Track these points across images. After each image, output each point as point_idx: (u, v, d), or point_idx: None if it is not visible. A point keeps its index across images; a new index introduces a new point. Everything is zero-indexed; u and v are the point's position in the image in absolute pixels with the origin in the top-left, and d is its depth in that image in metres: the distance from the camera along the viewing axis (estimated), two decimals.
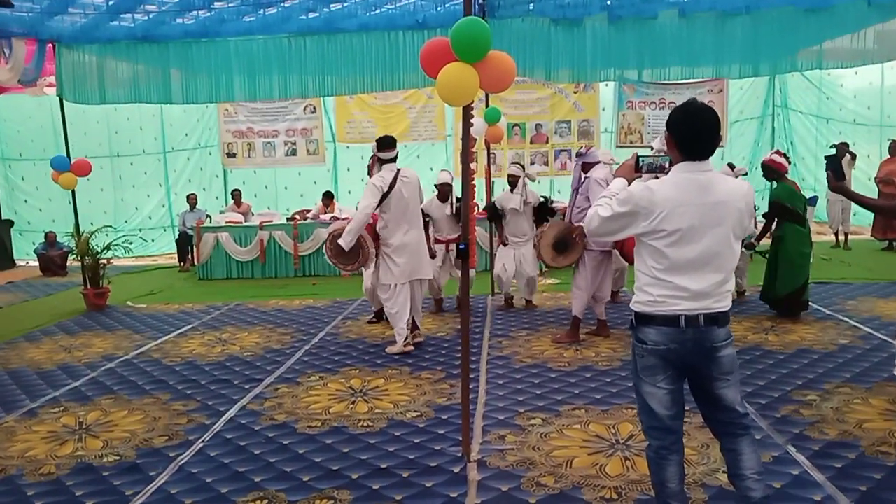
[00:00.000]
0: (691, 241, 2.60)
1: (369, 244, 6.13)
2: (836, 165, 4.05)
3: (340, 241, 5.99)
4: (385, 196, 5.94)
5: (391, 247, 6.10)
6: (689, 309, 2.63)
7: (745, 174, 8.24)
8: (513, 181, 7.41)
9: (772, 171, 6.87)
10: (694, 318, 2.63)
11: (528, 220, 7.49)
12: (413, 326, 6.35)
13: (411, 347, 6.18)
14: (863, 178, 11.73)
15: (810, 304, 7.05)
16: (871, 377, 5.05)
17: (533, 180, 7.62)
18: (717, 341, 2.68)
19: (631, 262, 6.64)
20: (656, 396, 2.75)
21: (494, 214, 7.68)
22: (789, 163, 6.95)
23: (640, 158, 2.94)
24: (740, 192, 2.70)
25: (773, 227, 6.91)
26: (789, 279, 6.76)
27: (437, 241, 7.52)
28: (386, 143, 6.08)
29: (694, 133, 2.65)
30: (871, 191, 10.74)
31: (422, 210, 6.64)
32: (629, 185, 2.86)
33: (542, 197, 7.66)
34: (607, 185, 6.02)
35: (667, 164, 2.88)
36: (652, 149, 6.35)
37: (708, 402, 2.80)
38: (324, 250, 6.30)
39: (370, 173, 6.22)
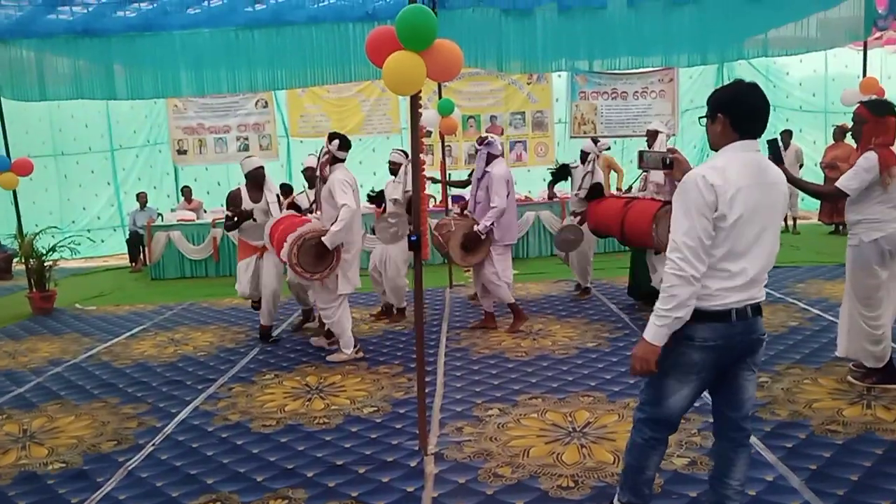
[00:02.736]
0: (749, 223, 2.48)
1: (340, 248, 5.59)
2: (776, 150, 4.13)
3: (325, 240, 5.36)
4: None
5: (351, 252, 5.69)
6: (739, 301, 2.52)
7: (608, 148, 8.08)
8: (394, 168, 6.79)
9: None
10: (743, 311, 2.53)
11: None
12: (329, 333, 6.03)
13: (362, 354, 5.81)
14: (809, 164, 12.02)
15: None
16: (820, 357, 5.16)
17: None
18: (760, 332, 2.61)
19: (635, 246, 6.63)
20: (679, 394, 2.62)
21: (376, 200, 7.16)
22: None
23: (644, 154, 2.83)
24: (782, 175, 2.66)
25: None
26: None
27: None
28: (347, 144, 5.73)
29: (752, 110, 2.54)
30: (818, 176, 11.00)
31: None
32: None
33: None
34: (507, 182, 6.09)
35: (667, 161, 2.78)
36: (655, 133, 6.35)
37: (727, 393, 2.67)
38: (287, 256, 5.52)
39: (321, 172, 5.68)
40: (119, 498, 3.59)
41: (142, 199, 12.06)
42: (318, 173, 5.76)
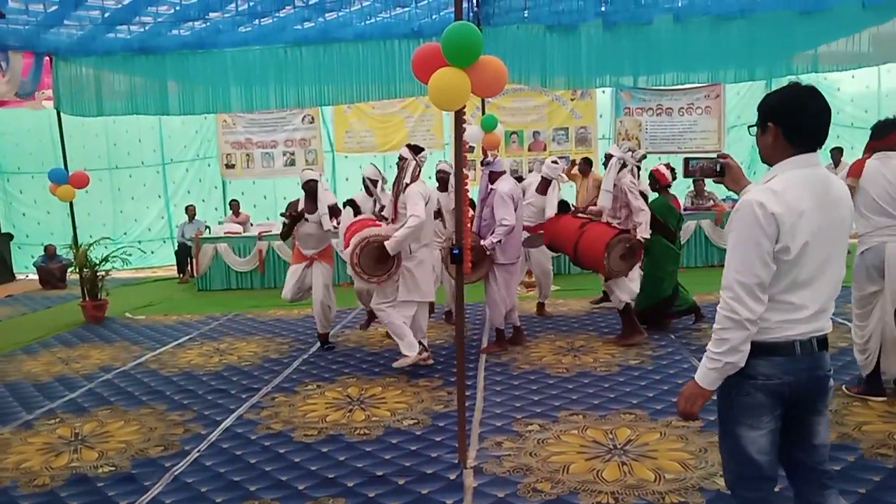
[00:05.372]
0: (814, 249, 2.19)
1: (401, 255, 5.60)
2: None
3: (388, 245, 5.39)
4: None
5: (415, 260, 5.61)
6: (803, 333, 2.22)
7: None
8: (444, 178, 6.93)
9: (655, 181, 6.81)
10: (808, 344, 2.23)
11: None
12: (422, 348, 5.97)
13: (426, 354, 5.72)
14: None
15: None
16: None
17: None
18: (827, 368, 2.30)
19: (589, 269, 6.61)
20: (757, 442, 2.26)
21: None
22: (674, 178, 6.87)
23: (691, 162, 2.58)
24: (846, 189, 2.33)
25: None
26: (647, 293, 6.71)
27: None
28: (421, 149, 5.86)
29: (809, 119, 2.21)
30: None
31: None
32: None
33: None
34: (513, 199, 6.05)
35: (718, 167, 2.49)
36: (610, 156, 6.35)
37: (798, 440, 2.35)
38: (349, 255, 5.57)
39: (413, 176, 5.74)
40: (166, 502, 3.68)
41: (190, 211, 12.38)
42: (400, 185, 5.75)
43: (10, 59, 7.60)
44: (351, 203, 6.86)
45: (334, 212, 6.63)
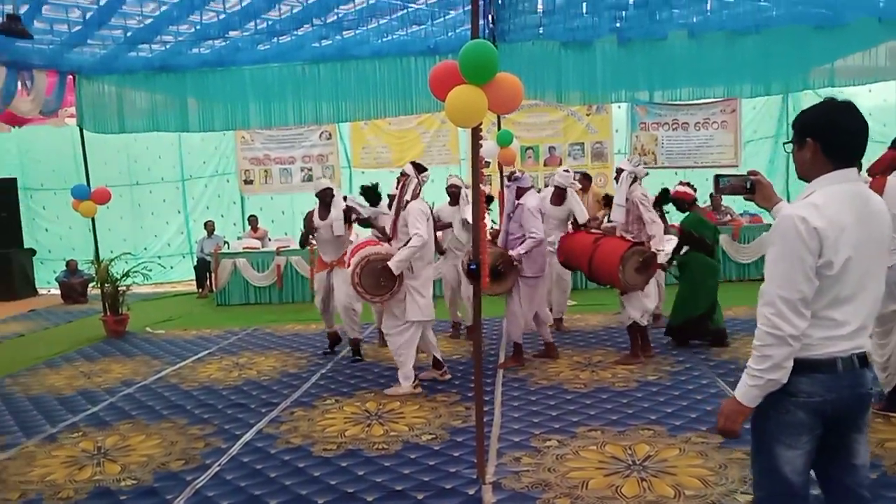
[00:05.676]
0: (856, 264, 2.16)
1: (404, 274, 5.63)
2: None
3: (391, 264, 5.45)
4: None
5: (419, 279, 5.65)
6: (844, 350, 2.19)
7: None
8: (455, 192, 7.12)
9: (680, 202, 6.77)
10: (849, 361, 2.20)
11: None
12: (437, 364, 6.06)
13: (420, 389, 5.76)
14: None
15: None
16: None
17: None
18: (869, 385, 2.26)
19: (602, 284, 6.58)
20: (793, 462, 2.21)
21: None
22: (695, 191, 6.86)
23: (721, 179, 2.54)
24: (883, 203, 2.32)
25: (680, 253, 6.75)
26: (683, 308, 6.70)
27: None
28: (424, 168, 5.89)
29: (847, 134, 2.22)
30: None
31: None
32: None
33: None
34: (541, 213, 6.08)
35: (748, 185, 2.46)
36: (621, 171, 6.37)
37: (837, 458, 2.28)
38: (350, 275, 5.71)
39: (413, 194, 5.70)
40: None
41: (209, 227, 12.50)
42: (401, 202, 5.77)
43: (34, 78, 7.77)
44: (370, 191, 7.04)
45: (348, 215, 6.70)
